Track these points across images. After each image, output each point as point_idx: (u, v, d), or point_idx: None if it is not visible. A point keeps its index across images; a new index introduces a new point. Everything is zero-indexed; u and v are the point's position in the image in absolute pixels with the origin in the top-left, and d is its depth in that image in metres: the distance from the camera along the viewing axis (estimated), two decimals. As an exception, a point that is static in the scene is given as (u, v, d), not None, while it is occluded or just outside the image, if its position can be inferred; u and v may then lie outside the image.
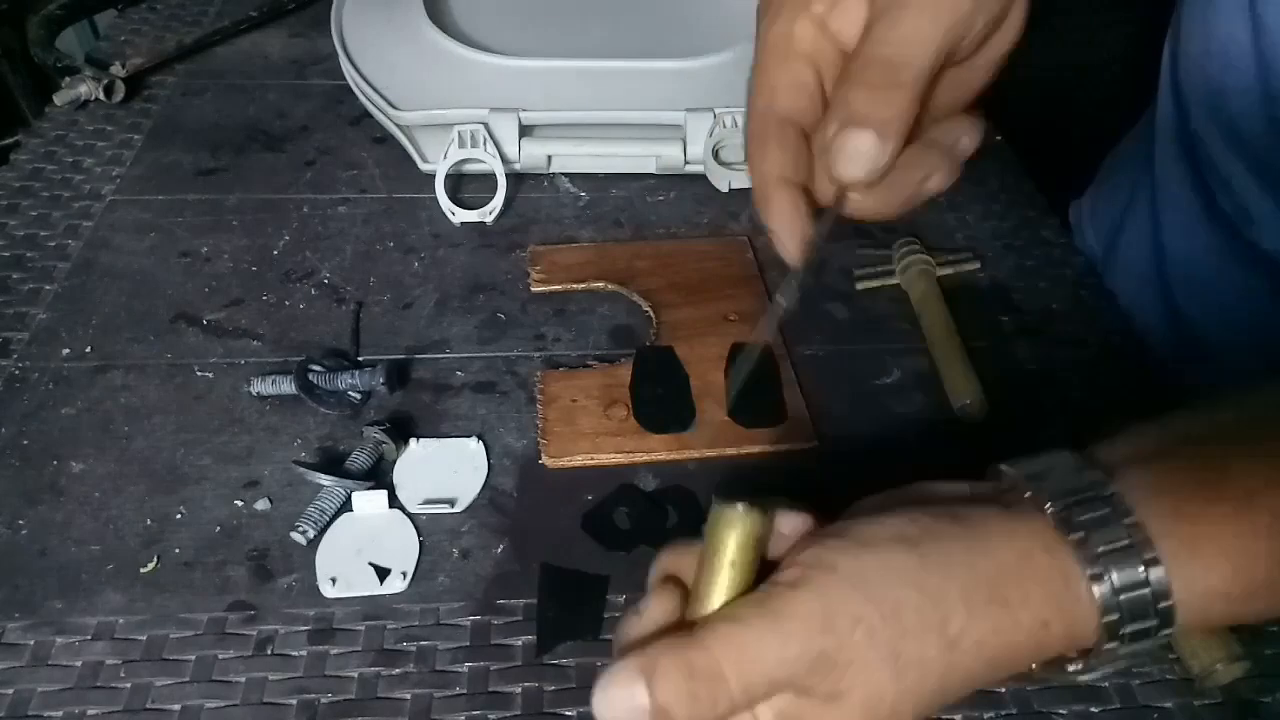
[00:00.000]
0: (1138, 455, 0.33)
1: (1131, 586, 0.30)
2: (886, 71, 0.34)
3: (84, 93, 0.69)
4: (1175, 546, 0.30)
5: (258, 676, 0.40)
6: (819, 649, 0.29)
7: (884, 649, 0.29)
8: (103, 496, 0.46)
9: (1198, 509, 0.31)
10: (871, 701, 0.29)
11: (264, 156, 0.68)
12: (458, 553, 0.44)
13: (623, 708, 0.28)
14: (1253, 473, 0.31)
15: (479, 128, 0.62)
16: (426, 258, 0.60)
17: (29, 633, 0.41)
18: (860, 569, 0.30)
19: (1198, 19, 0.60)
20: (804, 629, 0.29)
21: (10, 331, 0.54)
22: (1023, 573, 0.30)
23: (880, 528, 0.31)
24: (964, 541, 0.31)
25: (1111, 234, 0.70)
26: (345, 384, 0.50)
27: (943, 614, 0.29)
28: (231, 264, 0.59)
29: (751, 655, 0.28)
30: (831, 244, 0.35)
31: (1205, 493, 0.31)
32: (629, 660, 0.29)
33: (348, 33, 0.68)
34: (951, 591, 0.30)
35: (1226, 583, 0.31)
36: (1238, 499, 0.31)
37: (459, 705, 0.39)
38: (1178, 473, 0.32)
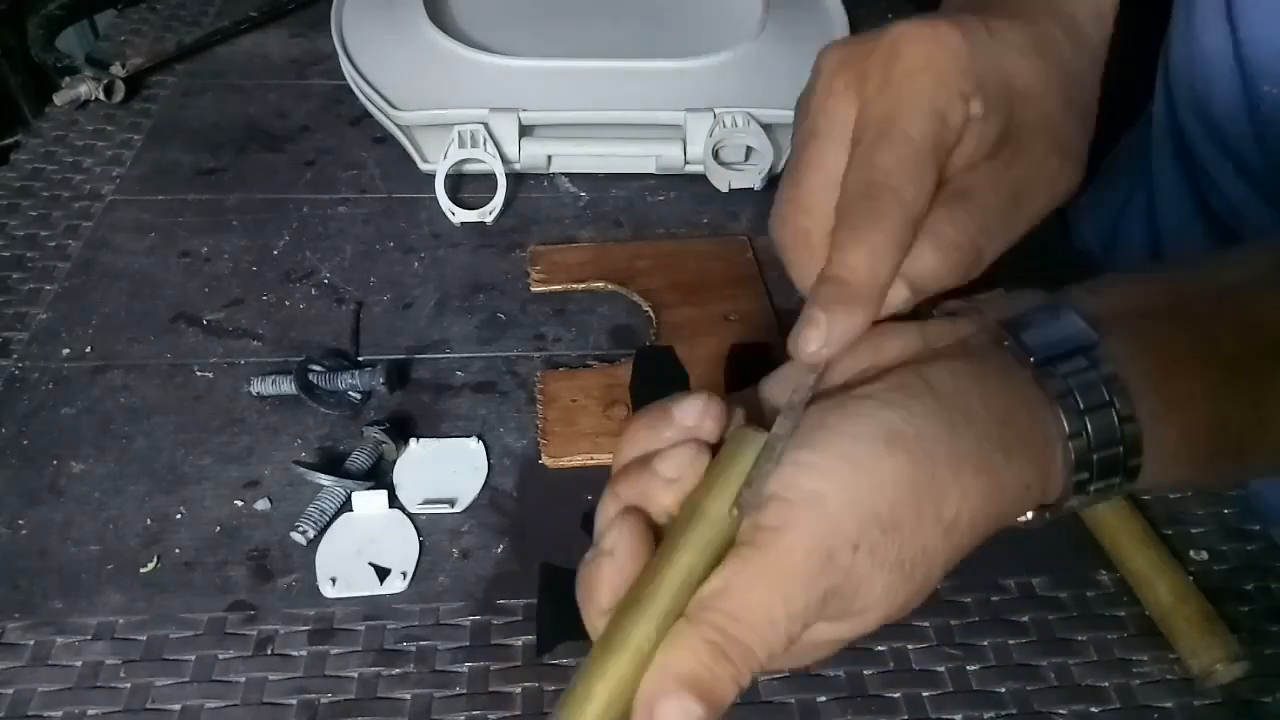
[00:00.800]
0: (1122, 311, 0.32)
1: (1107, 444, 0.29)
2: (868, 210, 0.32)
3: (84, 93, 0.69)
4: (1154, 405, 0.30)
5: (258, 676, 0.40)
6: (824, 589, 0.27)
7: (890, 560, 0.28)
8: (103, 496, 0.46)
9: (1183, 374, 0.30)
10: (890, 606, 0.29)
11: (264, 156, 0.68)
12: (458, 553, 0.45)
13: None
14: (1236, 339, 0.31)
15: (479, 128, 0.62)
16: (426, 258, 0.60)
17: (29, 633, 0.41)
18: (849, 493, 0.28)
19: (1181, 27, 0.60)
20: (804, 576, 0.27)
21: (10, 331, 0.54)
22: (1006, 436, 0.29)
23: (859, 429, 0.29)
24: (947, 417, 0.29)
25: (1109, 232, 0.71)
26: (345, 384, 0.50)
27: (937, 502, 0.28)
28: (231, 264, 0.59)
29: (764, 618, 0.27)
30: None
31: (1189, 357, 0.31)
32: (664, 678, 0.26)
33: (348, 33, 0.68)
34: (942, 476, 0.29)
35: (1195, 449, 0.30)
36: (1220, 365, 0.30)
37: (459, 705, 0.39)
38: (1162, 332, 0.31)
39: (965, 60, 0.33)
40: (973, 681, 0.40)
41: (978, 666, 0.41)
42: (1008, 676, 0.41)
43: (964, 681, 0.40)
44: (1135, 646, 0.42)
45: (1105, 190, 0.74)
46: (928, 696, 0.40)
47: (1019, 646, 0.42)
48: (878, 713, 0.39)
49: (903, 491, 0.28)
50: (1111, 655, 0.41)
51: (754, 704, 0.39)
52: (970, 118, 0.33)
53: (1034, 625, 0.42)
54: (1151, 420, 0.30)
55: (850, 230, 0.31)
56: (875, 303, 0.31)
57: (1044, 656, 0.41)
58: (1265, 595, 0.44)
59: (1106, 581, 0.44)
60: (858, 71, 0.33)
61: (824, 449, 0.28)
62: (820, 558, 0.27)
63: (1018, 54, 0.34)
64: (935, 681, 0.40)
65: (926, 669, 0.41)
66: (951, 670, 0.41)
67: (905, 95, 0.32)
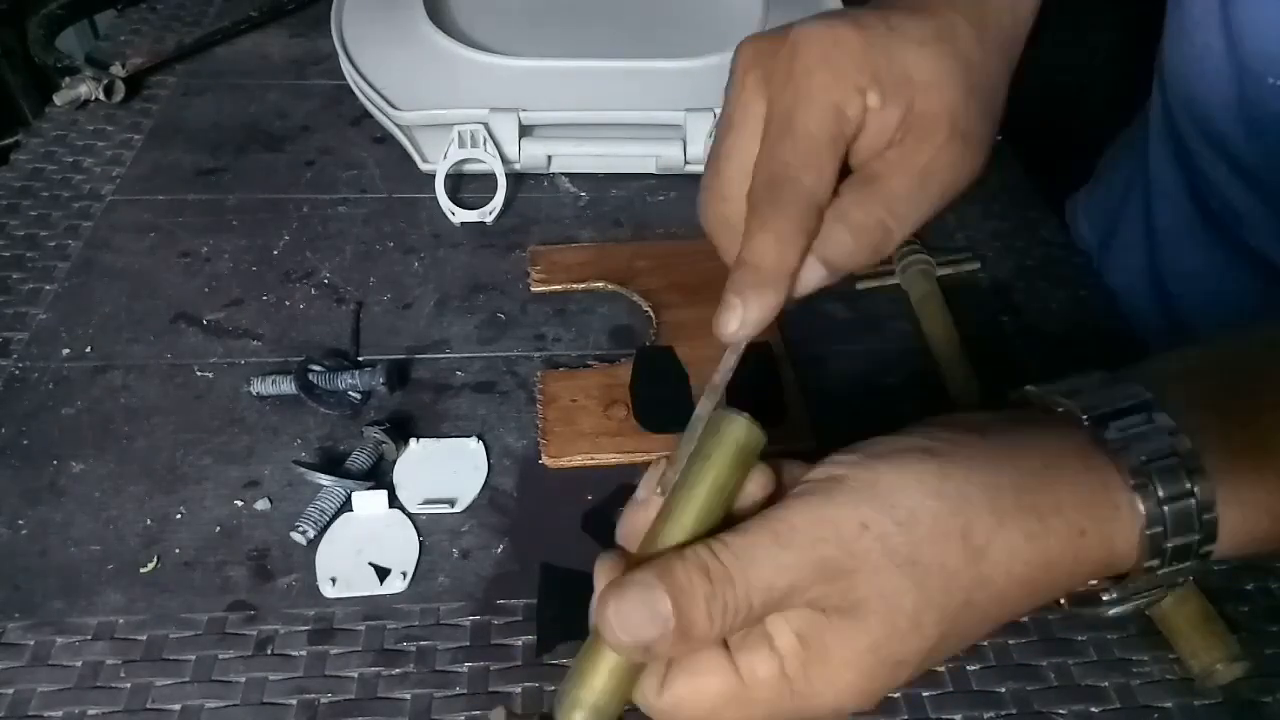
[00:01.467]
0: (1170, 373, 0.32)
1: (1176, 497, 0.29)
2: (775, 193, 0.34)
3: (84, 93, 0.69)
4: (1219, 460, 0.29)
5: (258, 676, 0.40)
6: (820, 555, 0.28)
7: (898, 555, 0.28)
8: (103, 496, 0.46)
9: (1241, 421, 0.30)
10: (891, 611, 0.28)
11: (264, 156, 0.68)
12: (458, 553, 0.44)
13: (640, 617, 0.27)
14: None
15: (479, 128, 0.62)
16: (426, 258, 0.60)
17: (29, 633, 0.41)
18: (871, 478, 0.29)
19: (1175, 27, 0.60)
20: (803, 536, 0.28)
21: (10, 331, 0.54)
22: (1054, 478, 0.29)
23: (895, 441, 0.30)
24: (987, 449, 0.30)
25: (1107, 229, 0.71)
26: (345, 384, 0.50)
27: (965, 520, 0.28)
28: (231, 264, 0.59)
29: (755, 562, 0.28)
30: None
31: (1245, 406, 0.30)
32: (643, 569, 0.28)
33: (348, 33, 0.68)
34: (974, 497, 0.28)
35: (1271, 497, 0.30)
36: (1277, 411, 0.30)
37: (459, 705, 0.39)
38: (1215, 388, 0.31)
39: (861, 55, 0.34)
40: (973, 681, 0.40)
41: (978, 666, 0.41)
42: (1008, 676, 0.41)
43: (964, 681, 0.40)
44: (1135, 646, 0.42)
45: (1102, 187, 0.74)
46: (928, 696, 0.40)
47: (1019, 646, 0.42)
48: (878, 713, 0.39)
49: (925, 497, 0.28)
50: (1111, 655, 0.41)
51: (754, 704, 0.39)
52: (868, 108, 0.35)
53: (1034, 625, 0.42)
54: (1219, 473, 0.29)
55: (758, 219, 0.33)
56: (785, 284, 0.33)
57: (1044, 656, 0.41)
58: (1265, 595, 0.44)
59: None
60: (766, 69, 0.35)
61: (856, 450, 0.30)
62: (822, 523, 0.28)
63: (917, 45, 0.35)
64: (935, 681, 0.40)
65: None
66: (951, 670, 0.41)
67: (804, 92, 0.34)
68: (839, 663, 0.29)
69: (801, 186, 0.33)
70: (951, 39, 0.36)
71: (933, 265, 0.58)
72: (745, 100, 0.36)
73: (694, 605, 0.27)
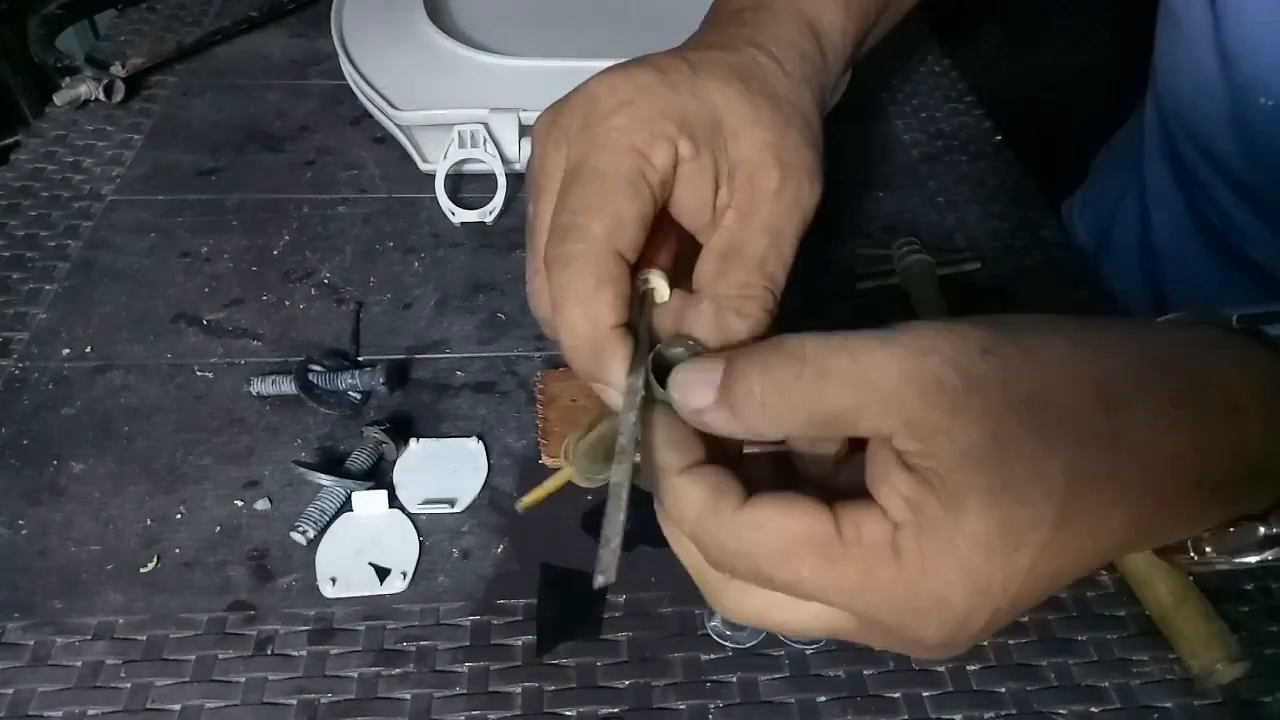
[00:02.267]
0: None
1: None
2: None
3: (84, 93, 0.69)
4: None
5: (258, 676, 0.40)
6: (927, 369, 0.24)
7: (1020, 389, 0.24)
8: (103, 496, 0.46)
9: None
10: (1009, 460, 0.24)
11: (264, 156, 0.68)
12: (458, 553, 0.45)
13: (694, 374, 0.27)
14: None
15: (479, 128, 0.62)
16: (426, 258, 0.60)
17: (29, 633, 0.41)
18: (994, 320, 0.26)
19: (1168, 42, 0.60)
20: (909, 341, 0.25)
21: (10, 331, 0.54)
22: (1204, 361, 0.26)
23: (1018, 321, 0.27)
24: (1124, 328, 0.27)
25: (1101, 232, 0.71)
26: (345, 384, 0.50)
27: (1102, 372, 0.25)
28: (231, 264, 0.59)
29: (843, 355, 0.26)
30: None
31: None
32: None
33: (348, 33, 0.68)
34: (1112, 357, 0.25)
35: None
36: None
37: (459, 705, 0.39)
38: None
39: (663, 100, 0.33)
40: (973, 681, 0.40)
41: (978, 666, 0.41)
42: (1008, 676, 0.41)
43: (964, 681, 0.40)
44: (1135, 646, 0.42)
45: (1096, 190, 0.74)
46: (928, 696, 0.40)
47: (1019, 646, 0.42)
48: (878, 713, 0.39)
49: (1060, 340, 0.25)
50: (1111, 655, 0.41)
51: (754, 703, 0.39)
52: (681, 158, 0.33)
53: (1034, 625, 0.42)
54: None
55: (553, 285, 0.31)
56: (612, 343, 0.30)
57: (1044, 656, 0.41)
58: (1265, 595, 0.44)
59: (1106, 581, 0.44)
60: (562, 126, 0.34)
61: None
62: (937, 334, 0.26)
63: (722, 84, 0.34)
64: (935, 681, 0.40)
65: (926, 669, 0.41)
66: (951, 670, 0.41)
67: (599, 137, 0.32)
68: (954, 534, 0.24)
69: (589, 233, 0.31)
70: (755, 75, 0.35)
71: (933, 265, 0.58)
72: (546, 164, 0.34)
73: (749, 372, 0.26)
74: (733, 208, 0.34)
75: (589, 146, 0.32)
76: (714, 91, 0.34)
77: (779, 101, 0.35)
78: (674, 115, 0.33)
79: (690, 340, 0.32)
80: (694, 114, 0.33)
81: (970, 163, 0.69)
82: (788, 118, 0.35)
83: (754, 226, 0.33)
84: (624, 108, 0.32)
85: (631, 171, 0.32)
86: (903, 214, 0.65)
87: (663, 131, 0.32)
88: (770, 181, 0.34)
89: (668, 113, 0.33)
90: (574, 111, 0.34)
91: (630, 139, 0.32)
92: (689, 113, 0.33)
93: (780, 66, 0.36)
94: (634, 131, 0.32)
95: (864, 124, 0.73)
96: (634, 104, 0.33)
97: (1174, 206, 0.64)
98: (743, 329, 0.32)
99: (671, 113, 0.33)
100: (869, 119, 0.73)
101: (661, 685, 0.40)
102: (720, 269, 0.33)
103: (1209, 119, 0.57)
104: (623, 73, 0.34)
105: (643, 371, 0.30)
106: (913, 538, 0.24)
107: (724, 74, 0.34)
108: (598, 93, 0.33)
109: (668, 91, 0.33)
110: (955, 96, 0.76)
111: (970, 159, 0.70)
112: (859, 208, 0.65)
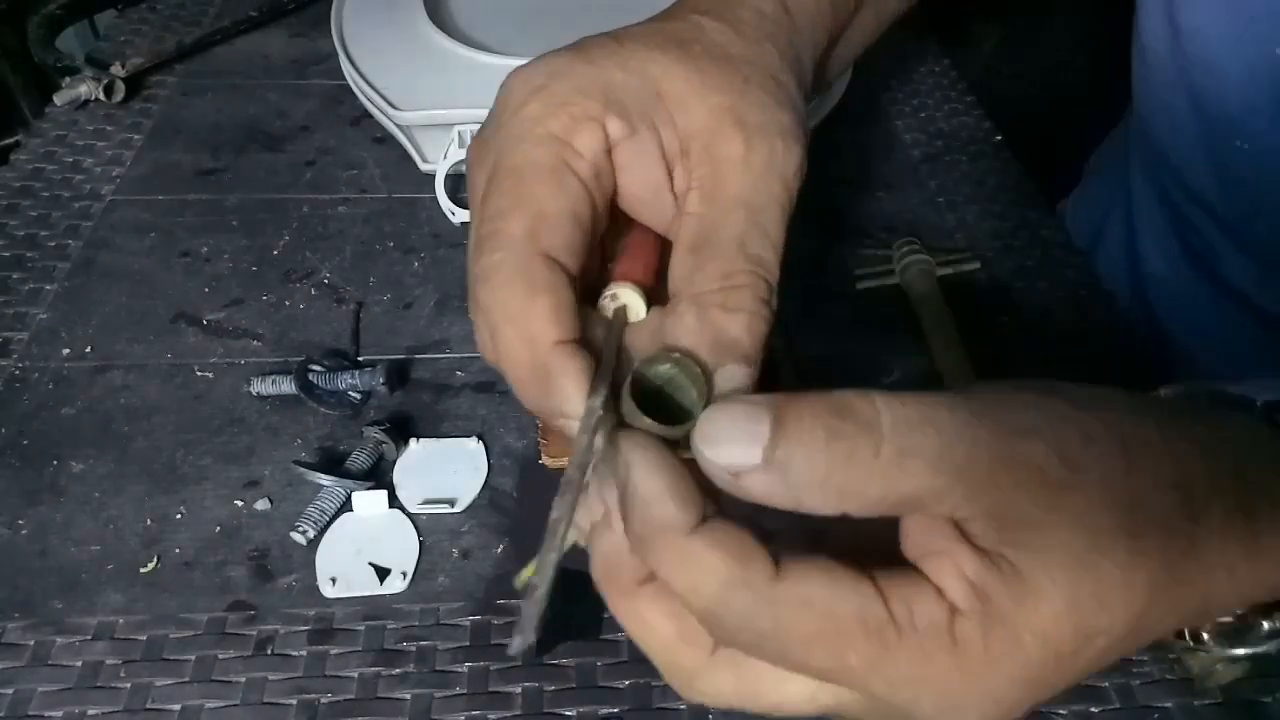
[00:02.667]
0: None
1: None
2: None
3: (84, 93, 0.69)
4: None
5: (258, 676, 0.40)
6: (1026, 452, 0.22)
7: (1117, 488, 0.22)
8: (103, 496, 0.46)
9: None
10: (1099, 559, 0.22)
11: (264, 156, 0.68)
12: (458, 553, 0.45)
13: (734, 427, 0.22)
14: None
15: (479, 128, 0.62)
16: (426, 258, 0.60)
17: (29, 633, 0.41)
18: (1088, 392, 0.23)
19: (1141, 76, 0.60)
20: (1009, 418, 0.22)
21: (10, 331, 0.54)
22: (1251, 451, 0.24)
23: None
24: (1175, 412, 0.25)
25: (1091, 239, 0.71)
26: (345, 384, 0.50)
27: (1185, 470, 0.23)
28: (231, 264, 0.59)
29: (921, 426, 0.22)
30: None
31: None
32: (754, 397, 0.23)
33: (348, 33, 0.68)
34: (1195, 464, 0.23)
35: None
36: None
37: (459, 705, 0.39)
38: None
39: (580, 78, 0.29)
40: (973, 681, 0.40)
41: (978, 666, 0.41)
42: (1008, 676, 0.40)
43: (964, 681, 0.40)
44: (1135, 646, 0.42)
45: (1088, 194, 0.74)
46: (928, 696, 0.40)
47: (1019, 646, 0.42)
48: None
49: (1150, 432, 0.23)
50: (1111, 655, 0.41)
51: (754, 704, 0.39)
52: (613, 139, 0.29)
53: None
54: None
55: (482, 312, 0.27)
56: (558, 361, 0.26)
57: (1044, 656, 0.41)
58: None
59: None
60: (484, 137, 0.30)
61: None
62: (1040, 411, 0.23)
63: (659, 54, 0.30)
64: (935, 681, 0.40)
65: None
66: (951, 670, 0.41)
67: (512, 132, 0.29)
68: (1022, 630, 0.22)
69: (507, 237, 0.27)
70: (698, 39, 0.31)
71: (933, 265, 0.58)
72: (473, 184, 0.30)
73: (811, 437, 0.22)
74: (695, 189, 0.29)
75: (503, 145, 0.28)
76: (646, 60, 0.30)
77: (733, 61, 0.31)
78: (595, 92, 0.29)
79: (676, 353, 0.26)
80: (622, 87, 0.29)
81: (970, 163, 0.69)
82: (746, 78, 0.30)
83: (724, 204, 0.28)
84: (535, 94, 0.29)
85: (551, 161, 0.28)
86: (903, 214, 0.65)
87: (584, 111, 0.28)
88: (733, 147, 0.29)
89: (587, 90, 0.29)
90: (491, 117, 0.30)
91: (545, 126, 0.28)
92: (615, 86, 0.29)
93: (730, 28, 0.32)
94: (549, 117, 0.28)
95: (864, 124, 0.73)
96: (546, 88, 0.29)
97: (1159, 230, 0.64)
98: (736, 327, 0.27)
99: (592, 89, 0.29)
100: (869, 119, 0.73)
101: (661, 685, 0.40)
102: (695, 262, 0.28)
103: (1186, 157, 0.57)
104: (536, 60, 0.30)
105: (602, 391, 0.25)
106: (976, 628, 0.22)
107: (657, 42, 0.30)
108: (509, 86, 0.30)
109: (585, 67, 0.29)
110: (955, 96, 0.76)
111: (970, 159, 0.70)
112: (859, 208, 0.65)
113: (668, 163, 0.30)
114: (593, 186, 0.28)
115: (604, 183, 0.29)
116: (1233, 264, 0.57)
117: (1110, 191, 0.70)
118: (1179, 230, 0.62)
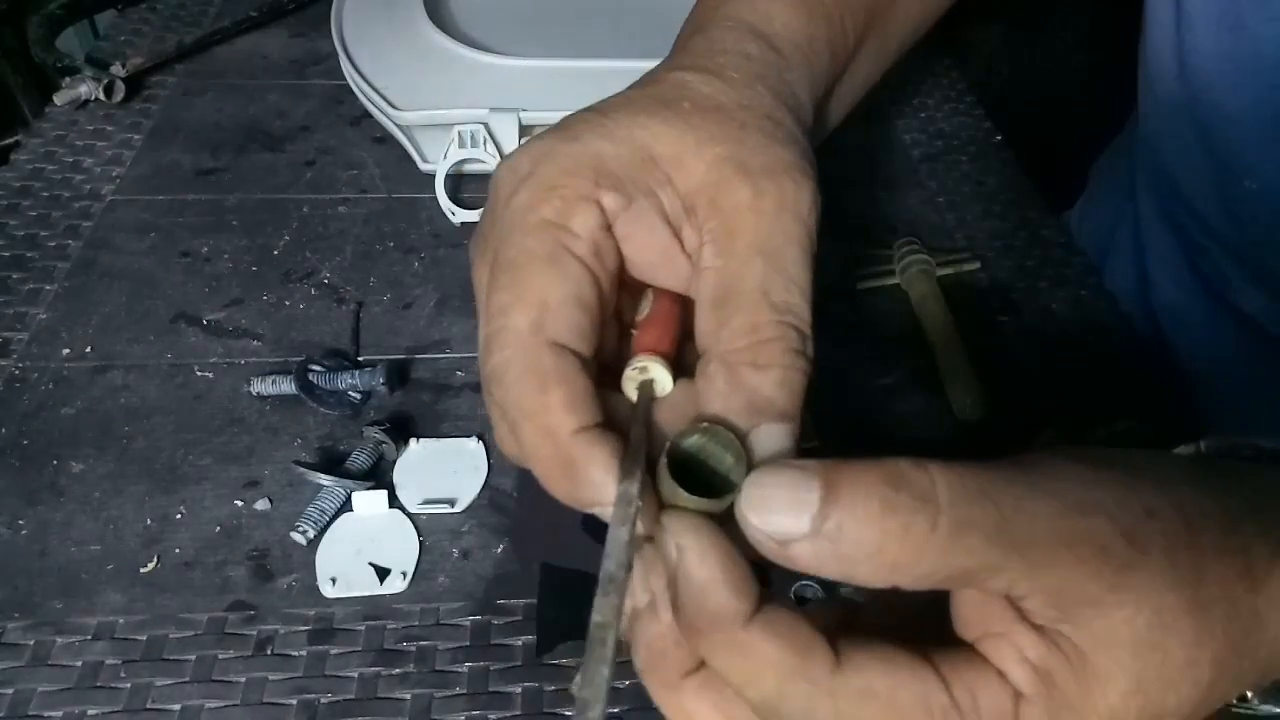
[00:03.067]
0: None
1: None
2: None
3: (84, 93, 0.69)
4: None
5: (258, 676, 0.40)
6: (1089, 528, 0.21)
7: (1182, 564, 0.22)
8: (103, 496, 0.46)
9: None
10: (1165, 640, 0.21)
11: (264, 156, 0.68)
12: (458, 553, 0.44)
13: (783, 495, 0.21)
14: None
15: (479, 128, 0.62)
16: (426, 258, 0.60)
17: (29, 633, 0.41)
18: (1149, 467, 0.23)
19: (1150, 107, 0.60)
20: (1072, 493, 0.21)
21: (10, 331, 0.54)
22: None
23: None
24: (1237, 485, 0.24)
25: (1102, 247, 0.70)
26: (345, 384, 0.50)
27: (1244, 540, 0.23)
28: (231, 264, 0.59)
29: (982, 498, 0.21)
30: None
31: None
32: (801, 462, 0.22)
33: (348, 33, 0.68)
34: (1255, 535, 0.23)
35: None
36: None
37: (459, 705, 0.39)
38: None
39: (566, 158, 0.29)
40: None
41: (978, 666, 0.41)
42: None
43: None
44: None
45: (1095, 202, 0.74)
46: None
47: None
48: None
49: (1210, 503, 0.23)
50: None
51: (754, 704, 0.39)
52: (611, 212, 0.28)
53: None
54: None
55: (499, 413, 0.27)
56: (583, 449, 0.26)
57: (1044, 656, 0.41)
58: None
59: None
60: (482, 233, 0.30)
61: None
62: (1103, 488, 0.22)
63: (645, 118, 0.30)
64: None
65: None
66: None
67: (506, 223, 0.28)
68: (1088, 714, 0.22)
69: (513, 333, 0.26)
70: (684, 95, 0.31)
71: (933, 265, 0.58)
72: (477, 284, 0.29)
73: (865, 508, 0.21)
74: (707, 243, 0.28)
75: (499, 238, 0.28)
76: (632, 127, 0.29)
77: (724, 110, 0.30)
78: (584, 170, 0.28)
79: (705, 424, 0.25)
80: (612, 159, 0.29)
81: (970, 163, 0.69)
82: (741, 123, 0.30)
83: (740, 254, 0.28)
84: (524, 182, 0.28)
85: (547, 249, 0.27)
86: (903, 214, 0.65)
87: (574, 192, 0.28)
88: (740, 195, 0.28)
89: (575, 169, 0.28)
90: (486, 210, 0.30)
91: (538, 213, 0.28)
92: (604, 159, 0.29)
93: (716, 77, 0.32)
94: (540, 204, 0.28)
95: (864, 124, 0.73)
96: (534, 174, 0.28)
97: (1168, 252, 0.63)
98: (769, 385, 0.26)
99: (580, 168, 0.28)
100: (869, 119, 0.73)
101: (661, 685, 0.40)
102: (719, 318, 0.27)
103: (1195, 189, 0.57)
104: (521, 147, 0.30)
105: (638, 475, 0.24)
106: (1043, 714, 0.22)
107: (642, 106, 0.30)
108: (498, 177, 0.29)
109: (570, 146, 0.29)
110: (955, 96, 0.76)
111: (970, 159, 0.70)
112: (859, 208, 0.65)
113: (672, 225, 0.29)
114: (594, 266, 0.28)
115: (607, 259, 0.29)
116: (1244, 292, 0.57)
117: (1116, 205, 0.69)
118: (1189, 255, 0.62)
